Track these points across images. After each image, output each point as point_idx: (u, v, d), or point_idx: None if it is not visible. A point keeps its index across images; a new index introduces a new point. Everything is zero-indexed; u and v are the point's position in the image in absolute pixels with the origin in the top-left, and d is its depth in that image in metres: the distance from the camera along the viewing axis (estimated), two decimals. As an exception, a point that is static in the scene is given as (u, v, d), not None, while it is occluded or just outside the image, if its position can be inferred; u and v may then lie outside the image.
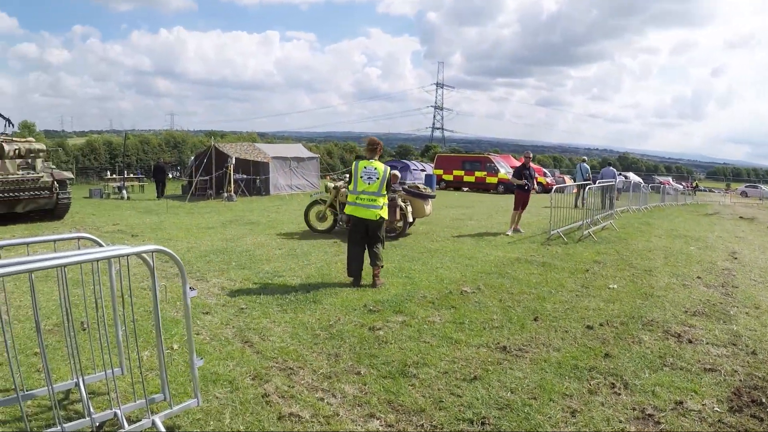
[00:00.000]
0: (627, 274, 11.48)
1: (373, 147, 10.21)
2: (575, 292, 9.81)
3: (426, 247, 14.00)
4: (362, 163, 10.00)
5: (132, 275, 5.10)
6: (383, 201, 9.93)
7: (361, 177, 9.85)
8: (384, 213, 10.01)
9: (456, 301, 8.94)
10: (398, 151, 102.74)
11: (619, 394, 5.69)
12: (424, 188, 17.27)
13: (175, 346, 6.72)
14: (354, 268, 10.05)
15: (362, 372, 6.04)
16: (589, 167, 28.77)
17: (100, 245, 5.13)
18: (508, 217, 18.48)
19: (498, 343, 7.04)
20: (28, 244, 4.99)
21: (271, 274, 10.75)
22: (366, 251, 10.19)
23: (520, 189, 16.74)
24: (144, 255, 4.39)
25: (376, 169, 9.88)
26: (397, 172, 15.79)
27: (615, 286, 10.34)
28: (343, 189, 15.42)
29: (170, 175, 41.53)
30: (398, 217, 15.32)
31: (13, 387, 4.33)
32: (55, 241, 5.26)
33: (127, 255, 4.28)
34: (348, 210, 10.10)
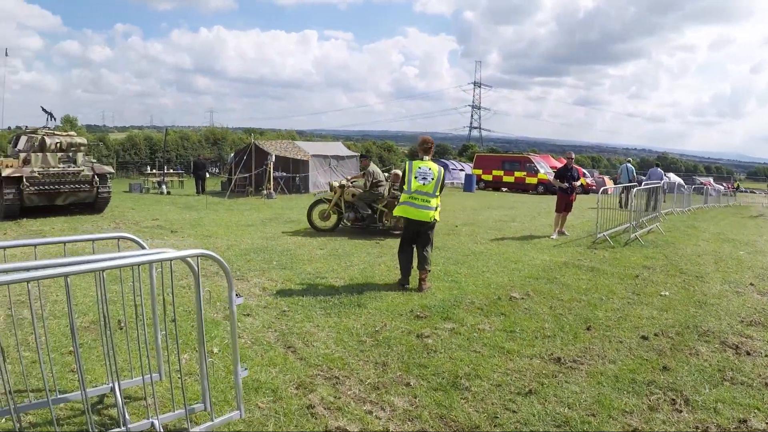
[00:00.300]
0: (678, 281, 11.04)
1: (428, 147, 9.95)
2: (627, 300, 9.43)
3: (470, 249, 13.64)
4: (416, 162, 9.70)
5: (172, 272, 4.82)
6: (437, 202, 9.61)
7: (416, 177, 9.52)
8: (437, 214, 9.69)
9: (505, 308, 8.59)
10: (435, 151, 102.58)
11: (681, 411, 5.37)
12: None
13: (215, 350, 6.50)
14: (404, 268, 9.82)
15: (412, 383, 5.75)
16: (634, 168, 28.23)
17: (142, 246, 4.87)
18: (551, 219, 18.13)
19: (551, 354, 6.71)
20: (65, 243, 4.77)
21: (313, 275, 10.50)
22: (414, 253, 9.89)
23: (561, 191, 16.32)
24: (189, 259, 4.10)
25: (430, 169, 9.57)
26: (398, 171, 15.92)
27: (667, 293, 9.93)
28: (349, 188, 16.20)
29: (209, 172, 41.42)
30: None
31: (45, 388, 4.08)
32: (93, 240, 5.02)
33: (171, 259, 4.00)
34: (399, 210, 9.78)
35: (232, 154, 36.43)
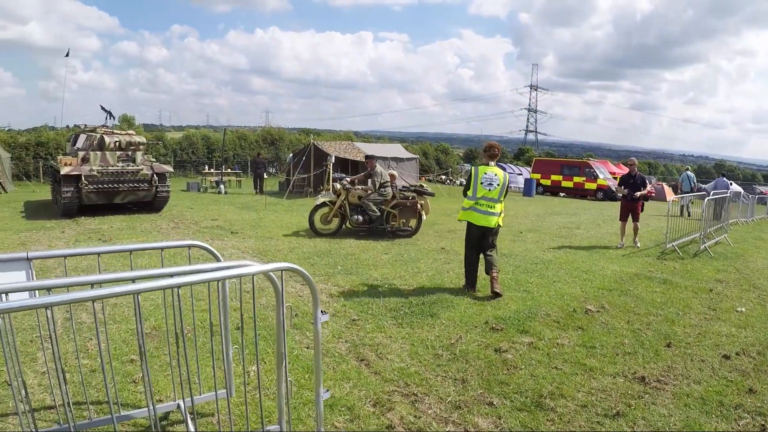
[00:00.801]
0: (753, 296, 10.60)
1: (494, 153, 9.89)
2: (703, 315, 9.04)
3: (538, 257, 13.32)
4: (482, 168, 9.67)
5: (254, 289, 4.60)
6: (501, 208, 9.66)
7: (482, 183, 9.49)
8: (501, 220, 9.76)
9: (582, 321, 8.28)
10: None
11: (771, 438, 4.97)
12: (421, 186, 17.95)
13: (270, 350, 6.26)
14: (469, 273, 9.80)
15: (494, 402, 5.48)
16: (695, 176, 27.60)
17: (215, 256, 4.61)
18: (616, 227, 17.71)
19: (635, 373, 6.39)
20: (131, 251, 4.57)
21: (381, 281, 10.30)
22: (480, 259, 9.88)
23: (623, 198, 15.86)
24: (271, 274, 3.84)
25: (496, 175, 9.55)
26: (394, 172, 16.90)
27: (743, 309, 9.52)
28: (354, 190, 16.01)
29: (267, 172, 41.45)
30: (415, 216, 16.18)
31: (107, 400, 3.85)
32: (162, 249, 4.75)
33: (254, 274, 3.71)
34: (463, 216, 9.80)
35: (291, 155, 36.34)
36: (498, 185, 9.47)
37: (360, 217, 15.86)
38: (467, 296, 9.32)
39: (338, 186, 16.21)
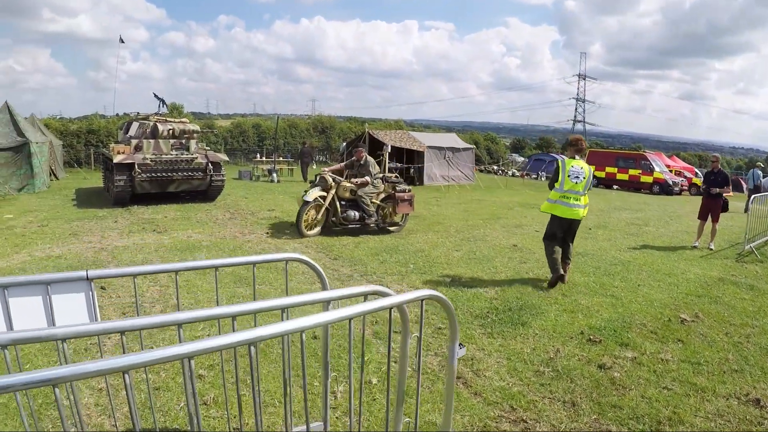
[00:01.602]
0: None
1: (580, 147, 10.06)
2: (801, 325, 8.33)
3: (615, 257, 12.64)
4: (569, 161, 9.76)
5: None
6: (586, 200, 9.81)
7: (569, 175, 9.59)
8: (586, 212, 9.98)
9: (680, 333, 7.67)
10: (539, 144, 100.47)
11: None
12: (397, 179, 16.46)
13: (374, 381, 5.72)
14: (553, 264, 9.75)
15: (613, 431, 4.93)
16: (761, 173, 26.54)
17: (319, 274, 4.01)
18: (685, 224, 17.08)
19: (747, 394, 5.82)
20: (217, 268, 3.95)
21: (457, 282, 9.72)
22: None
23: (709, 196, 15.00)
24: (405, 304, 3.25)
25: (582, 168, 9.66)
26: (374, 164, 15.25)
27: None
28: (345, 184, 14.43)
29: (315, 160, 41.06)
30: (412, 209, 15.39)
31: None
32: (254, 263, 4.14)
33: (391, 307, 3.08)
34: (548, 208, 9.90)
35: (344, 143, 35.88)
36: (584, 178, 9.59)
37: (355, 213, 14.43)
38: (554, 302, 8.82)
39: (328, 178, 14.30)
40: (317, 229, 14.19)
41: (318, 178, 14.35)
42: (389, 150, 28.31)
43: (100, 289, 8.80)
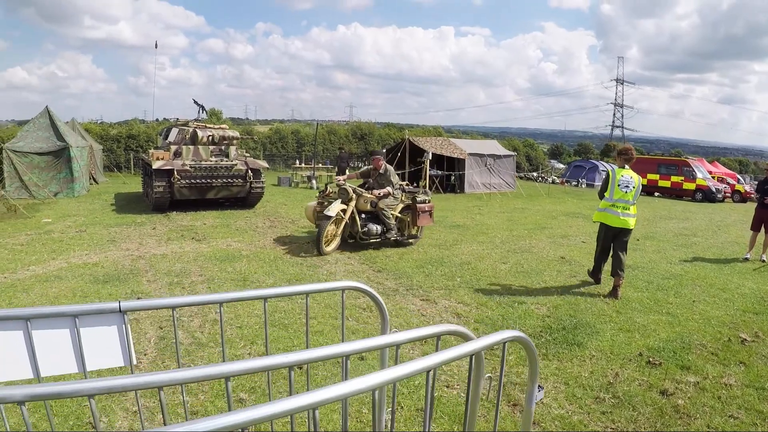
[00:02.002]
0: None
1: (630, 156, 10.15)
2: None
3: (667, 270, 12.14)
4: (619, 171, 9.94)
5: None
6: (635, 210, 9.93)
7: (619, 185, 9.78)
8: (635, 221, 10.05)
9: (741, 354, 7.24)
10: (577, 150, 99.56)
11: None
12: (414, 188, 15.20)
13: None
14: (597, 270, 10.39)
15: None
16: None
17: (380, 306, 3.66)
18: (732, 233, 16.56)
19: (822, 425, 5.34)
20: (266, 299, 3.60)
21: (508, 297, 9.34)
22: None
23: (761, 206, 14.46)
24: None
25: (632, 177, 9.84)
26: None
27: None
28: (366, 195, 13.13)
29: (351, 166, 40.97)
30: (431, 221, 14.37)
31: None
32: (306, 293, 3.78)
33: (474, 353, 2.71)
34: (599, 217, 10.08)
35: (384, 150, 35.63)
36: (633, 188, 9.75)
37: (377, 227, 13.18)
38: (609, 320, 8.46)
39: (350, 190, 12.96)
40: (335, 244, 12.96)
41: (339, 190, 13.09)
42: (430, 157, 28.05)
43: (136, 300, 8.56)
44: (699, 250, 15.25)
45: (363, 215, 13.24)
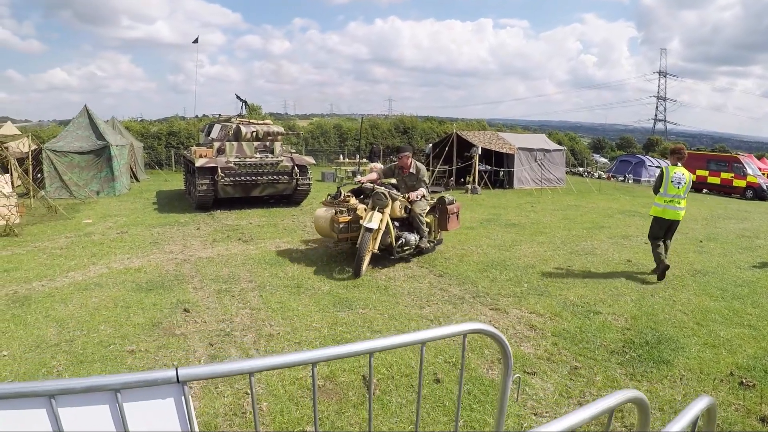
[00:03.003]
0: None
1: (682, 154, 11.17)
2: None
3: (738, 277, 11.24)
4: (672, 168, 10.86)
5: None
6: (685, 203, 10.88)
7: (672, 181, 10.70)
8: (684, 213, 10.98)
9: None
10: (620, 143, 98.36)
11: None
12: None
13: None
14: (660, 261, 10.62)
15: None
16: None
17: (505, 352, 2.99)
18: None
19: None
20: (371, 353, 2.93)
21: (581, 306, 8.65)
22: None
23: None
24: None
25: (683, 174, 10.77)
26: (377, 166, 13.01)
27: None
28: (399, 199, 11.25)
29: (380, 162, 40.54)
30: (458, 224, 13.10)
31: None
32: (422, 342, 3.13)
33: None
34: (657, 211, 10.90)
35: (430, 145, 34.92)
36: (684, 183, 10.68)
37: (414, 237, 11.32)
38: (692, 333, 7.77)
39: (385, 194, 10.91)
40: (367, 261, 10.65)
41: (373, 194, 10.97)
42: (479, 152, 27.64)
43: (183, 312, 8.04)
44: (764, 253, 14.35)
45: (397, 224, 11.40)
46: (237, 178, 18.17)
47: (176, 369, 1.94)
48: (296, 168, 19.10)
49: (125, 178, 25.30)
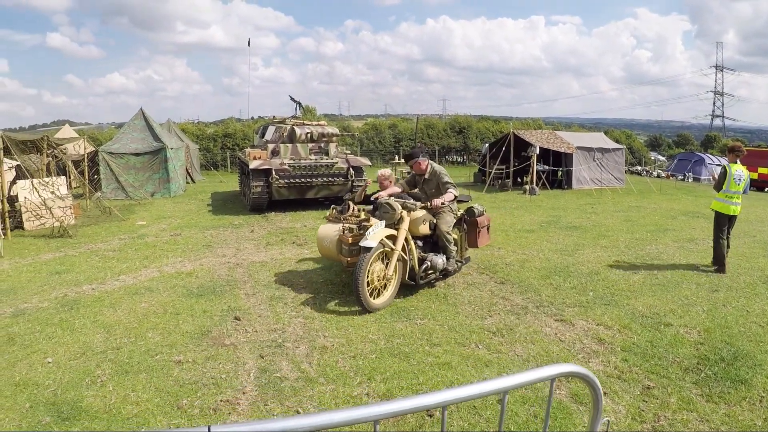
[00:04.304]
0: None
1: (739, 152, 11.63)
2: None
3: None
4: (733, 166, 11.31)
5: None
6: (741, 199, 11.36)
7: (734, 178, 11.17)
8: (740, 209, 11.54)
9: None
10: (677, 141, 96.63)
11: None
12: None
13: None
14: (721, 256, 11.22)
15: None
16: None
17: (596, 390, 2.59)
18: None
19: None
20: (444, 407, 2.57)
21: (650, 318, 8.11)
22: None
23: None
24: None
25: (743, 171, 11.33)
26: (387, 171, 11.15)
27: None
28: (418, 213, 9.06)
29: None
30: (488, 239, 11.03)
31: None
32: (504, 392, 2.74)
33: None
34: (719, 206, 11.35)
35: (486, 144, 34.48)
36: (743, 181, 11.25)
37: (441, 259, 9.24)
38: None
39: (396, 206, 8.83)
40: (390, 293, 8.61)
41: (380, 206, 9.09)
42: (537, 151, 27.15)
43: (233, 320, 7.80)
44: None
45: (420, 243, 9.28)
46: (291, 180, 18.10)
47: (209, 428, 1.59)
48: (351, 169, 18.96)
49: (181, 180, 25.68)
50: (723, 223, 11.32)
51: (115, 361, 6.45)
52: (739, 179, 11.17)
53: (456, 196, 9.53)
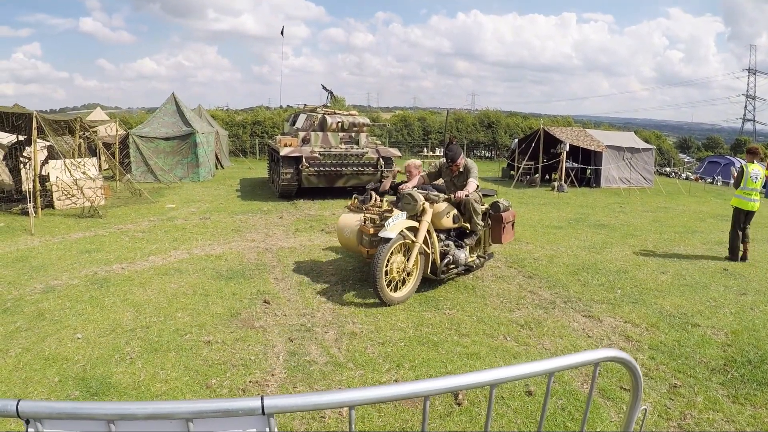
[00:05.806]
0: None
1: (757, 153, 12.54)
2: None
3: None
4: (750, 166, 12.27)
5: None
6: (759, 196, 12.26)
7: (750, 177, 12.09)
8: (759, 205, 12.30)
9: None
10: (706, 143, 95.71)
11: None
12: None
13: None
14: (735, 247, 12.21)
15: None
16: None
17: (636, 377, 2.63)
18: None
19: None
20: (494, 385, 2.60)
21: (678, 317, 8.10)
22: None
23: None
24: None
25: (759, 171, 12.20)
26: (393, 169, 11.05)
27: None
28: (440, 205, 8.83)
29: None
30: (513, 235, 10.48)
31: None
32: (550, 373, 2.78)
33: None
34: (738, 203, 12.23)
35: (516, 140, 34.40)
36: (759, 179, 12.11)
37: (464, 254, 9.09)
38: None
39: (418, 197, 8.49)
40: (410, 287, 8.49)
41: (402, 197, 8.75)
42: (567, 149, 27.08)
43: (263, 303, 7.86)
44: None
45: (442, 236, 9.10)
46: (321, 168, 18.17)
47: (262, 399, 1.62)
48: (381, 159, 18.99)
49: (210, 165, 25.88)
50: (740, 218, 12.17)
51: (145, 339, 6.54)
52: (756, 177, 12.10)
53: (477, 185, 9.31)
